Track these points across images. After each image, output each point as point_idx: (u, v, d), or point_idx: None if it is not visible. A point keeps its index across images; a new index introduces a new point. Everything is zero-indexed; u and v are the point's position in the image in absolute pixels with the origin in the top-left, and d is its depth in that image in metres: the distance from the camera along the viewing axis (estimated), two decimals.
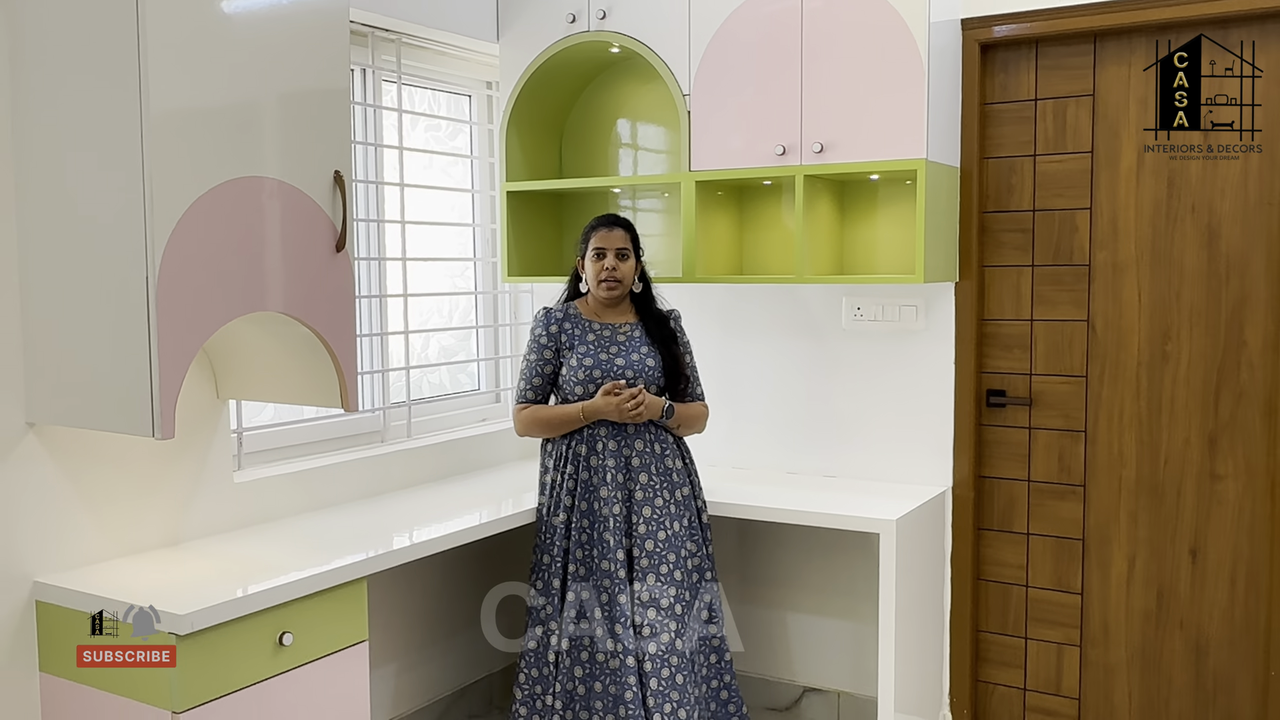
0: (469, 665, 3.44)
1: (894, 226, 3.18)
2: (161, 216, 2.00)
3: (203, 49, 2.08)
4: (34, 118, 2.16)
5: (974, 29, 3.05)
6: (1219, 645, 2.97)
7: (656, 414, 2.85)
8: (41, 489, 2.27)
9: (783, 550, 3.46)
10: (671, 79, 3.17)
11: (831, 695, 3.43)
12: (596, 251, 2.90)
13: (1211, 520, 2.94)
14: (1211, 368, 2.92)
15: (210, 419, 2.60)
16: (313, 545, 2.56)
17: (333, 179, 2.35)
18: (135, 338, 2.03)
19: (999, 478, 3.19)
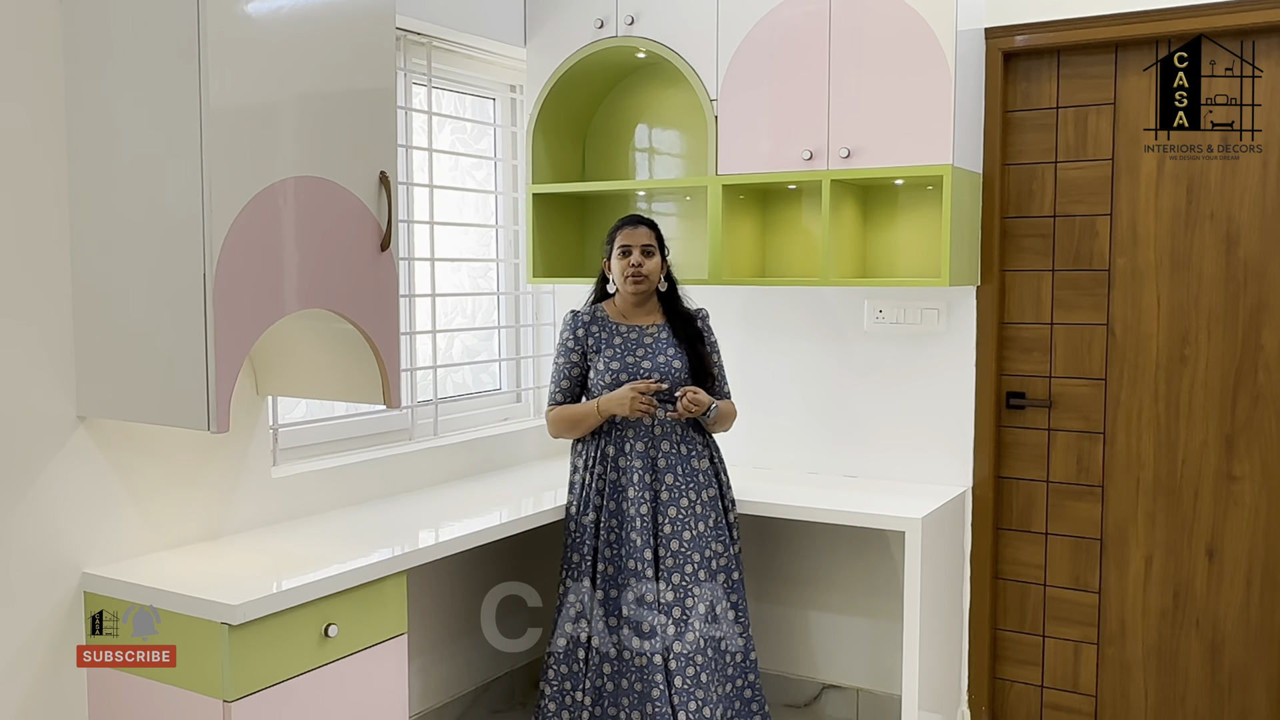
0: (492, 661, 3.48)
1: (915, 231, 3.24)
2: (220, 214, 2.04)
3: (259, 49, 2.12)
4: (89, 115, 2.20)
5: (997, 38, 3.11)
6: (1235, 643, 3.02)
7: (703, 410, 2.88)
8: (91, 482, 2.30)
9: (801, 549, 3.51)
10: (699, 84, 3.22)
11: (851, 692, 3.48)
12: (622, 249, 2.94)
13: (1228, 520, 3.00)
14: (1229, 371, 2.98)
15: (250, 415, 2.63)
16: (350, 539, 2.60)
17: (379, 179, 2.39)
18: (192, 333, 2.06)
19: (1018, 478, 3.25)
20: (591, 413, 2.90)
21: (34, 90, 2.18)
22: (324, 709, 2.26)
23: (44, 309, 2.21)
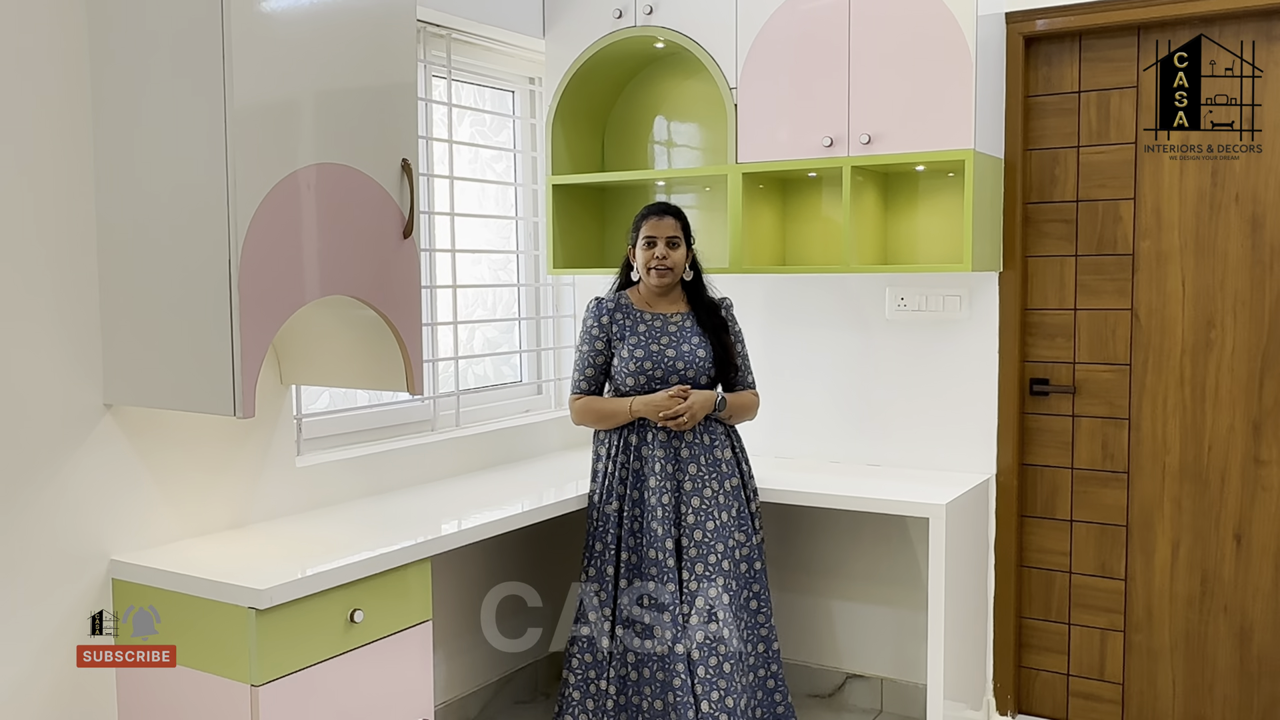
0: (514, 652, 3.48)
1: (936, 217, 3.23)
2: (244, 202, 2.05)
3: (283, 41, 2.14)
4: (114, 106, 2.22)
5: (1018, 22, 3.09)
6: (1263, 629, 3.00)
7: (709, 409, 2.89)
8: (118, 470, 2.32)
9: (824, 538, 3.50)
10: (718, 72, 3.22)
11: (874, 681, 3.46)
12: (647, 240, 2.94)
13: (1256, 505, 2.98)
14: (1255, 355, 2.95)
15: (275, 404, 2.65)
16: (375, 527, 2.61)
17: (400, 167, 2.40)
18: (218, 320, 2.08)
19: (1043, 465, 3.23)
20: (623, 411, 2.90)
21: (60, 84, 2.20)
22: (350, 694, 2.27)
23: (71, 299, 2.23)
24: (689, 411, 2.84)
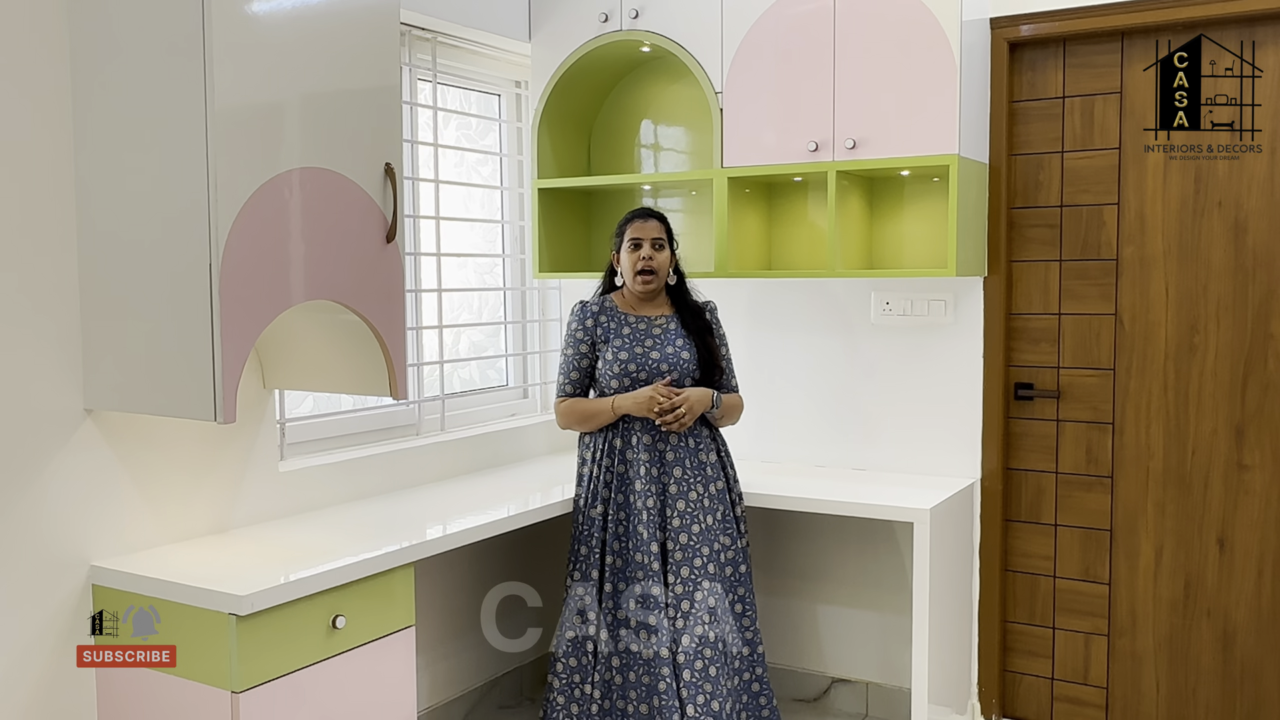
0: (500, 657, 3.47)
1: (921, 222, 3.23)
2: (226, 206, 2.04)
3: (265, 44, 2.13)
4: (95, 109, 2.20)
5: (1002, 28, 3.10)
6: (1246, 633, 3.01)
7: (706, 406, 2.88)
8: (98, 475, 2.31)
9: (809, 542, 3.50)
10: (704, 76, 3.22)
11: (860, 686, 3.47)
12: (633, 243, 2.94)
13: (1239, 509, 2.99)
14: (1238, 359, 2.96)
15: (257, 409, 2.63)
16: (358, 532, 2.60)
17: (384, 171, 2.39)
18: (198, 324, 2.07)
19: (1027, 470, 3.24)
20: (605, 410, 2.89)
21: (40, 86, 2.19)
22: (333, 700, 2.26)
23: (51, 302, 2.21)
24: (686, 405, 2.83)
